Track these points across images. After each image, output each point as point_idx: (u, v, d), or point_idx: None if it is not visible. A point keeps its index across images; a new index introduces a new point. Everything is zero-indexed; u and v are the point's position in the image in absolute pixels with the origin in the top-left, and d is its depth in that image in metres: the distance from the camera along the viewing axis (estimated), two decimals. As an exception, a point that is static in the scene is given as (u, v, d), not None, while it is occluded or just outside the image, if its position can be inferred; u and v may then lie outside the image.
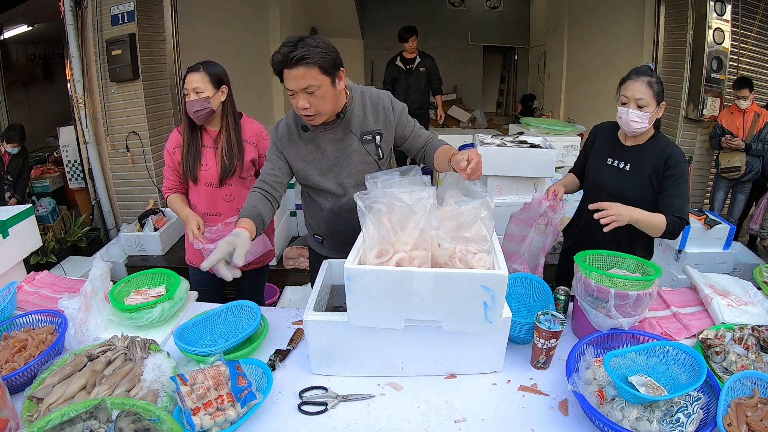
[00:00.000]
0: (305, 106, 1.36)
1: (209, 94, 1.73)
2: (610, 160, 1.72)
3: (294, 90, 1.34)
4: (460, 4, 8.83)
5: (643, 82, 1.56)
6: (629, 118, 1.58)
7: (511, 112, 9.26)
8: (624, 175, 1.67)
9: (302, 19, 7.02)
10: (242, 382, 1.10)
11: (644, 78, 1.57)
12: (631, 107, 1.57)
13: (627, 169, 1.67)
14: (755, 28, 3.97)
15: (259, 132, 1.90)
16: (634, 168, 1.66)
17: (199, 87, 1.72)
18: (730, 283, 1.60)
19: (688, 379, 1.09)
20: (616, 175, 1.69)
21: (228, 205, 1.87)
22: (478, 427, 1.09)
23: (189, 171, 1.83)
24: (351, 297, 1.10)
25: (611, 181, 1.69)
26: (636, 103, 1.56)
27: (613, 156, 1.71)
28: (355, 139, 1.52)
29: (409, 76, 4.61)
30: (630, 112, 1.57)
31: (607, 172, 1.72)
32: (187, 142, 1.82)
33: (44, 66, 6.13)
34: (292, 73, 1.31)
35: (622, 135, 1.71)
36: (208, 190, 1.85)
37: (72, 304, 1.38)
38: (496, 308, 1.10)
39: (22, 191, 3.56)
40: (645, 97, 1.55)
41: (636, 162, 1.65)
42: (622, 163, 1.68)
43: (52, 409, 1.04)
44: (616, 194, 1.64)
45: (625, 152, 1.69)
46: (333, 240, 1.69)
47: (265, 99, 6.14)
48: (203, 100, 1.73)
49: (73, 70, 3.52)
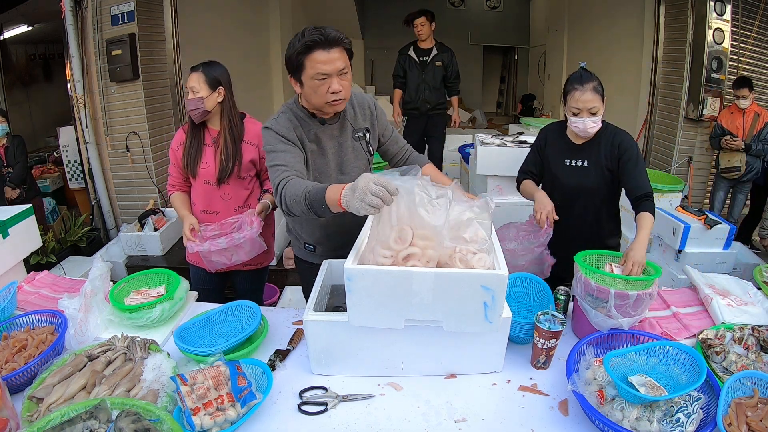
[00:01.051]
0: (338, 89, 1.35)
1: (203, 95, 1.75)
2: (567, 161, 1.80)
3: (329, 73, 1.32)
4: (460, 4, 8.83)
5: (590, 89, 1.63)
6: (587, 127, 1.67)
7: (511, 112, 9.27)
8: (583, 172, 1.77)
9: (302, 19, 7.02)
10: (242, 382, 1.10)
11: (589, 85, 1.63)
12: (585, 116, 1.66)
13: (585, 165, 1.77)
14: (755, 28, 3.97)
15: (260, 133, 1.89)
16: (591, 163, 1.76)
17: (195, 86, 1.75)
18: (730, 283, 1.60)
19: (688, 379, 1.09)
20: (576, 173, 1.78)
21: (225, 204, 1.87)
22: (478, 427, 1.09)
23: (189, 166, 1.84)
24: (351, 297, 1.10)
25: (573, 181, 1.78)
26: (589, 111, 1.65)
27: (570, 156, 1.80)
28: (349, 135, 1.54)
29: (422, 70, 3.94)
30: (586, 121, 1.66)
31: (567, 173, 1.80)
32: (190, 138, 1.84)
33: (44, 66, 6.13)
34: (330, 55, 1.30)
35: (572, 135, 1.79)
36: (206, 188, 1.85)
37: (72, 304, 1.38)
38: (496, 308, 1.10)
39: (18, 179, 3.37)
40: (596, 104, 1.64)
41: (592, 157, 1.75)
42: (580, 161, 1.78)
43: (52, 409, 1.04)
44: (578, 191, 1.76)
45: (580, 151, 1.78)
46: (326, 246, 1.64)
47: (265, 98, 6.15)
48: (197, 99, 1.75)
49: (73, 70, 3.52)
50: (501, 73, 10.05)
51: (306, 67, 1.33)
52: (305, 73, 1.34)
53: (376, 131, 1.61)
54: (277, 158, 1.39)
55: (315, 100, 1.39)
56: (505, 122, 7.55)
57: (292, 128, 1.44)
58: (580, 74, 1.68)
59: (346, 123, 1.53)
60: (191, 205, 1.92)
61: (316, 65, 1.31)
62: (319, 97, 1.37)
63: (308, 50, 1.30)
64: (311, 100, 1.41)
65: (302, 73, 1.35)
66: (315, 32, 1.30)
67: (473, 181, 3.47)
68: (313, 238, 1.65)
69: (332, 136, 1.52)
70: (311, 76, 1.33)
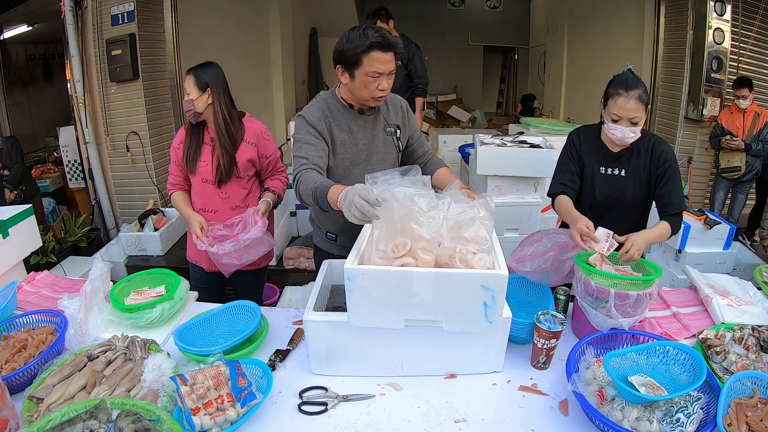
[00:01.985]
0: (386, 87, 1.48)
1: (194, 97, 1.77)
2: (603, 169, 1.66)
3: (382, 72, 1.44)
4: (460, 4, 8.82)
5: (635, 98, 1.49)
6: (625, 137, 1.54)
7: (511, 112, 9.26)
8: (621, 182, 1.64)
9: (302, 18, 7.02)
10: (242, 382, 1.10)
11: (634, 92, 1.49)
12: (625, 125, 1.52)
13: (623, 174, 1.64)
14: (755, 28, 3.97)
15: (260, 132, 1.89)
16: (629, 172, 1.63)
17: (187, 89, 1.79)
18: (730, 283, 1.60)
19: (688, 379, 1.09)
20: (613, 182, 1.65)
21: (223, 203, 1.87)
22: (478, 427, 1.09)
23: (188, 163, 1.84)
24: (351, 297, 1.10)
25: (608, 191, 1.65)
26: (630, 121, 1.52)
27: (606, 164, 1.66)
28: (381, 129, 1.63)
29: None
30: (625, 130, 1.53)
31: (602, 182, 1.67)
32: (189, 136, 1.85)
33: (44, 66, 6.13)
34: (385, 56, 1.43)
35: (608, 141, 1.65)
36: (204, 186, 1.85)
37: (72, 304, 1.38)
38: (496, 308, 1.10)
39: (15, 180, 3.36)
40: (639, 114, 1.51)
41: (630, 166, 1.63)
42: (617, 169, 1.65)
43: (52, 409, 1.04)
44: (612, 202, 1.64)
45: (617, 159, 1.65)
46: (349, 234, 1.66)
47: (264, 97, 6.14)
48: (189, 101, 1.78)
49: (73, 70, 3.52)
50: (501, 73, 10.04)
51: (363, 64, 1.43)
52: (360, 69, 1.44)
53: (407, 131, 1.71)
54: (301, 149, 1.50)
55: (363, 93, 1.49)
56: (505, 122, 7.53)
57: (322, 117, 1.54)
58: (626, 78, 1.52)
59: (380, 117, 1.63)
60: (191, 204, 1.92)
61: (374, 64, 1.42)
62: (368, 92, 1.48)
63: (369, 49, 1.41)
64: (359, 93, 1.50)
65: (358, 68, 1.44)
66: (378, 35, 1.41)
67: (473, 181, 3.47)
68: (337, 227, 1.71)
69: (365, 128, 1.60)
70: (366, 73, 1.43)
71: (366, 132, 1.60)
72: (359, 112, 1.58)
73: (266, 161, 1.91)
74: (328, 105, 1.58)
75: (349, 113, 1.58)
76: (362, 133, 1.60)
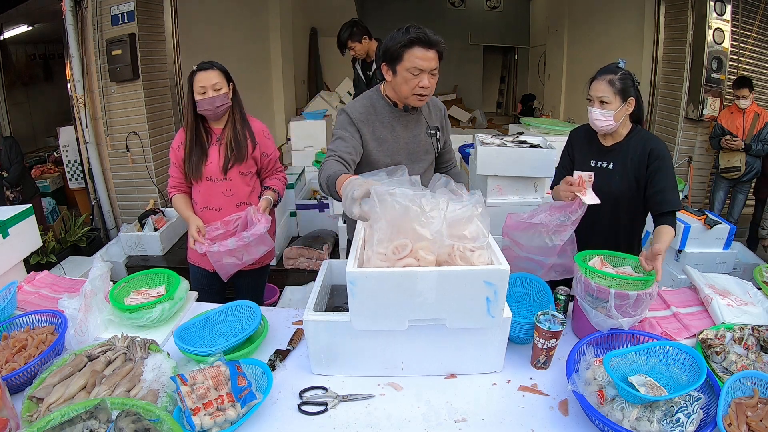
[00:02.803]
0: (428, 85, 1.48)
1: (227, 90, 1.77)
2: (593, 162, 1.72)
3: (423, 69, 1.45)
4: (460, 4, 8.83)
5: (605, 80, 1.59)
6: (593, 117, 1.63)
7: (511, 112, 9.26)
8: (609, 175, 1.67)
9: (302, 19, 7.03)
10: (242, 382, 1.10)
11: (606, 76, 1.60)
12: (595, 106, 1.62)
13: (611, 168, 1.68)
14: (755, 28, 3.97)
15: (261, 130, 1.89)
16: (617, 166, 1.66)
17: (218, 83, 1.74)
18: (730, 283, 1.60)
19: (688, 379, 1.09)
20: (602, 175, 1.67)
21: (227, 200, 1.86)
22: (478, 427, 1.09)
23: (193, 171, 1.81)
24: (354, 301, 1.10)
25: (598, 183, 1.65)
26: (599, 101, 1.60)
27: (596, 158, 1.71)
28: (423, 129, 1.66)
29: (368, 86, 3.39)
30: (593, 111, 1.62)
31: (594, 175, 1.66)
32: (191, 142, 1.80)
33: (44, 66, 6.13)
34: (428, 54, 1.44)
35: (601, 135, 1.71)
36: (207, 184, 1.84)
37: (72, 304, 1.38)
38: (498, 303, 1.11)
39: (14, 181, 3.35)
40: (606, 95, 1.58)
41: (619, 160, 1.66)
42: (605, 162, 1.69)
43: (52, 409, 1.04)
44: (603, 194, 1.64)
45: (607, 152, 1.69)
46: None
47: (265, 98, 6.15)
48: (224, 95, 1.76)
49: (73, 70, 3.52)
50: (501, 73, 10.05)
51: (404, 60, 1.45)
52: (402, 65, 1.46)
53: (444, 135, 1.75)
54: (334, 143, 1.54)
55: (404, 90, 1.50)
56: (505, 122, 7.54)
57: (365, 113, 1.58)
58: (606, 66, 1.65)
59: (422, 118, 1.66)
60: (192, 204, 1.91)
61: (415, 60, 1.44)
62: (409, 89, 1.49)
63: (410, 45, 1.43)
64: (400, 89, 1.51)
65: (399, 63, 1.46)
66: (419, 31, 1.43)
67: (473, 181, 3.47)
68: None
69: (407, 126, 1.63)
70: (407, 69, 1.46)
71: (408, 131, 1.62)
72: (403, 110, 1.60)
73: (267, 159, 1.91)
74: (372, 102, 1.60)
75: (393, 111, 1.60)
76: (404, 131, 1.62)
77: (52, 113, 5.61)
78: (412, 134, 1.63)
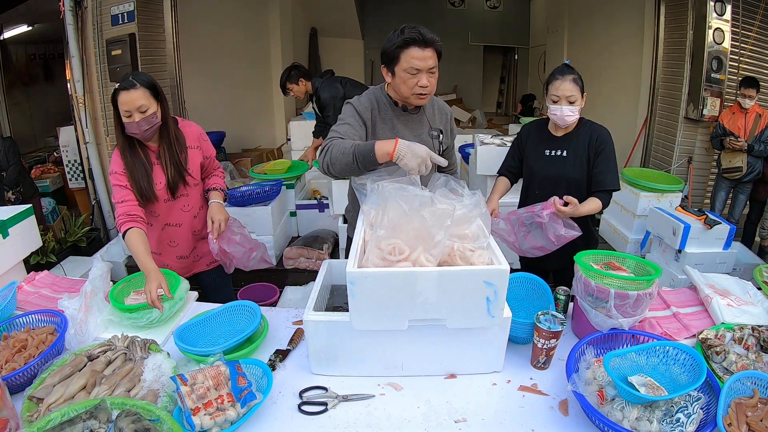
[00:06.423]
0: (426, 85, 1.49)
1: (155, 110, 1.59)
2: (547, 152, 1.88)
3: (420, 69, 1.45)
4: (460, 4, 8.84)
5: (570, 80, 1.74)
6: (564, 114, 1.76)
7: (511, 112, 9.26)
8: (563, 161, 1.85)
9: (302, 19, 7.02)
10: (242, 382, 1.10)
11: (570, 76, 1.74)
12: (564, 104, 1.75)
13: (564, 155, 1.85)
14: (755, 28, 3.97)
15: (199, 134, 1.81)
16: (570, 153, 1.84)
17: (144, 105, 1.55)
18: (730, 283, 1.60)
19: (688, 379, 1.09)
20: (556, 162, 1.86)
21: (187, 215, 1.80)
22: (478, 427, 1.09)
23: (146, 193, 1.65)
24: (354, 301, 1.10)
25: (553, 169, 1.86)
26: (567, 100, 1.74)
27: (549, 147, 1.88)
28: (426, 130, 1.67)
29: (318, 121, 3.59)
30: (564, 108, 1.76)
31: (547, 163, 1.88)
32: (131, 166, 1.63)
33: (44, 66, 6.13)
34: (424, 53, 1.44)
35: (553, 127, 1.89)
36: (165, 205, 1.74)
37: (72, 304, 1.38)
38: (498, 302, 1.11)
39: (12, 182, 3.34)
40: (574, 93, 1.74)
41: (571, 147, 1.84)
42: (559, 150, 1.86)
43: (52, 409, 1.04)
44: (558, 180, 1.84)
45: (560, 141, 1.86)
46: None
47: (265, 98, 6.14)
48: (151, 116, 1.58)
49: (73, 70, 3.52)
50: (501, 73, 10.06)
51: (401, 60, 1.46)
52: (399, 65, 1.47)
53: (447, 138, 1.75)
54: (341, 128, 1.52)
55: (403, 90, 1.51)
56: (505, 122, 7.55)
57: (369, 108, 1.59)
58: (562, 68, 1.79)
59: (425, 118, 1.67)
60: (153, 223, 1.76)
61: (411, 60, 1.44)
62: (408, 89, 1.50)
63: (406, 45, 1.43)
64: (400, 90, 1.52)
65: (396, 65, 1.47)
66: (414, 31, 1.43)
67: (473, 181, 3.47)
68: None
69: (408, 126, 1.63)
70: (404, 69, 1.46)
71: (409, 130, 1.62)
72: (403, 110, 1.61)
73: (208, 161, 1.86)
74: (376, 97, 1.61)
75: (394, 110, 1.61)
76: (405, 130, 1.62)
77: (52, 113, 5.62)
78: (413, 134, 1.63)
